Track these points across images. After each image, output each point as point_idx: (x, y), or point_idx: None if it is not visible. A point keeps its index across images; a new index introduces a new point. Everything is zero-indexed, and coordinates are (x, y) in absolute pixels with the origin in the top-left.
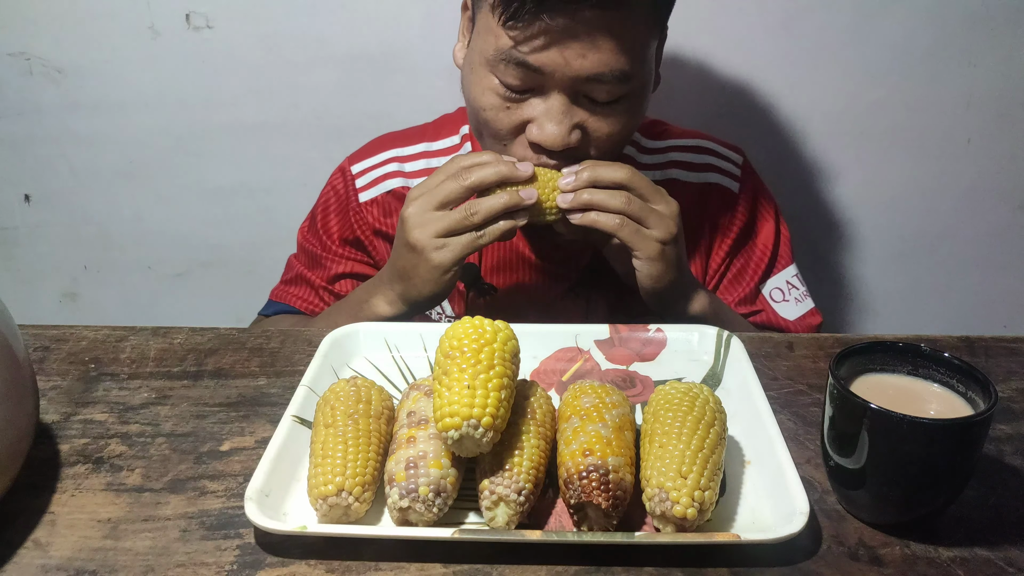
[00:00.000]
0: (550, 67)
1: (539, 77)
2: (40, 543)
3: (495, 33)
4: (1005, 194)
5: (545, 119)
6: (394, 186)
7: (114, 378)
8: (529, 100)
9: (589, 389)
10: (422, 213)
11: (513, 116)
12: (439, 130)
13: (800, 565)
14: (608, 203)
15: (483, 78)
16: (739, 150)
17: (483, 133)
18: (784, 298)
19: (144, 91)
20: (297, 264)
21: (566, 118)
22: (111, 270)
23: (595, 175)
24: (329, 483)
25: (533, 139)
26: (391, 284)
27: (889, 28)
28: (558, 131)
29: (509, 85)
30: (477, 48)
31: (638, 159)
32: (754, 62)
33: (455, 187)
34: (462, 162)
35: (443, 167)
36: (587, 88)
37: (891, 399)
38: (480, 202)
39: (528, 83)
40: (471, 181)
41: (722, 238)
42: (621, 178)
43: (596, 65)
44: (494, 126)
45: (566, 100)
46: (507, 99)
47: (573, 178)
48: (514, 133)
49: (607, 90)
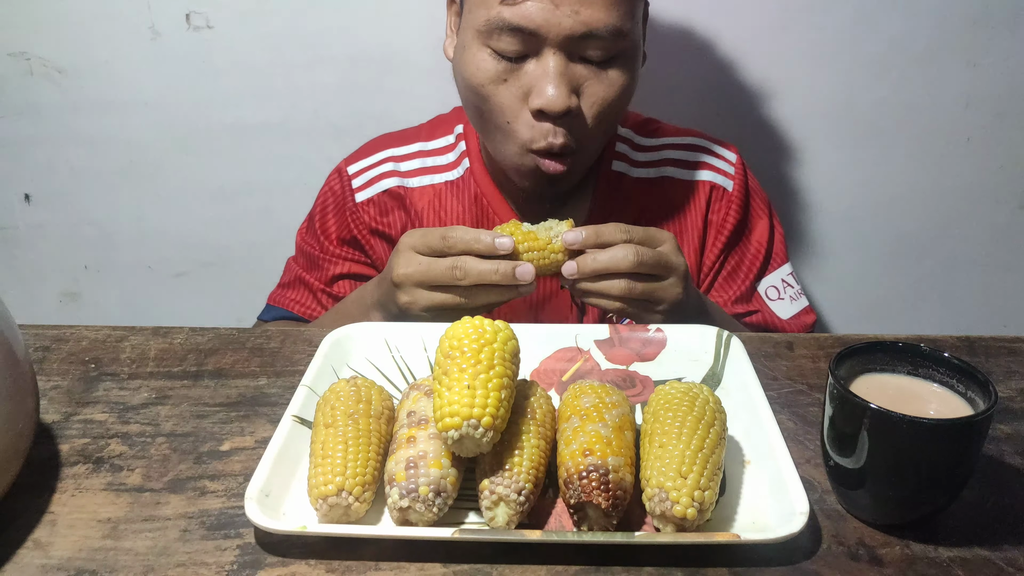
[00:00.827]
0: (544, 26)
1: (533, 40)
2: (40, 543)
3: (487, 3)
4: (1005, 194)
5: (544, 83)
6: (390, 185)
7: (114, 378)
8: (525, 67)
9: (589, 389)
10: (412, 286)
11: (512, 88)
12: (434, 130)
13: (800, 565)
14: (610, 292)
15: (477, 53)
16: (733, 148)
17: (484, 115)
18: (779, 296)
19: (144, 91)
20: (295, 267)
21: (564, 79)
22: (111, 270)
23: (596, 267)
24: (329, 483)
25: (535, 107)
26: (379, 312)
27: (888, 27)
28: (558, 93)
29: (503, 53)
30: (469, 25)
31: (632, 156)
32: (754, 60)
33: (448, 275)
34: (456, 242)
35: (435, 238)
36: (582, 47)
37: (891, 399)
38: (471, 267)
39: (523, 47)
40: (467, 280)
41: (716, 236)
42: (625, 268)
43: (589, 20)
44: (494, 100)
45: (562, 61)
46: (503, 70)
47: (575, 268)
48: (515, 107)
49: (602, 46)
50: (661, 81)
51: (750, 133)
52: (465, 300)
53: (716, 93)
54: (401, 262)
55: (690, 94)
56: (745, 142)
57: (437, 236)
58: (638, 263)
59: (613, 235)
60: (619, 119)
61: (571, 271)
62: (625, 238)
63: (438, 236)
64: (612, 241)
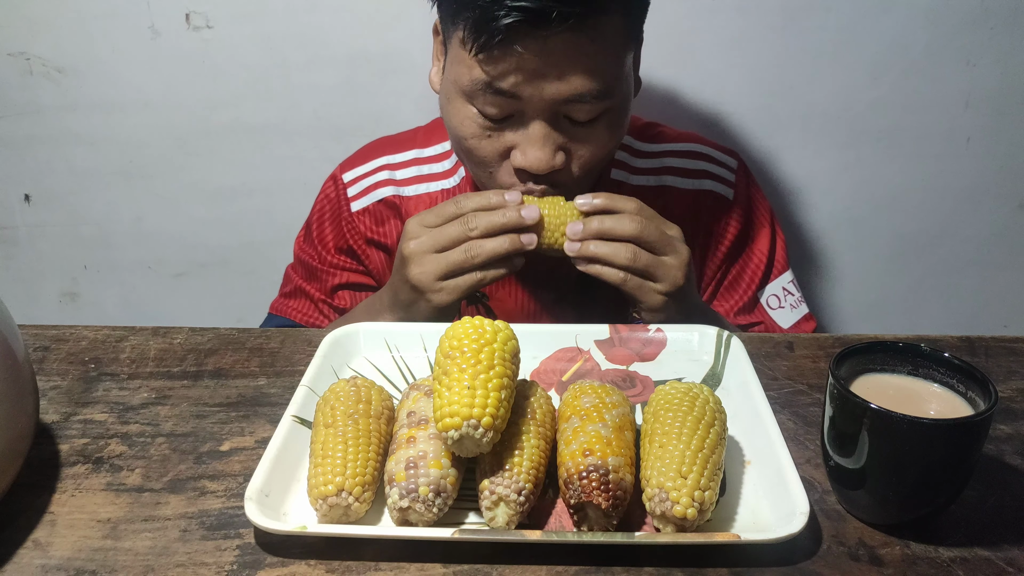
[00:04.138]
0: (527, 94)
1: (517, 103)
2: (40, 543)
3: (467, 64)
4: (1005, 194)
5: (528, 145)
6: (385, 195)
7: (114, 378)
8: (509, 126)
9: (589, 389)
10: (423, 254)
11: (495, 143)
12: (430, 136)
13: (800, 565)
14: (614, 258)
15: (461, 108)
16: (734, 154)
17: (466, 161)
18: (780, 304)
19: (144, 91)
20: (295, 276)
21: (548, 142)
22: (111, 270)
23: (603, 228)
24: (329, 483)
25: (518, 165)
26: (392, 311)
27: (888, 27)
28: (542, 156)
29: (488, 115)
30: (452, 78)
31: (632, 163)
32: (753, 61)
33: (459, 232)
34: (467, 204)
35: (446, 206)
36: (567, 109)
37: (891, 399)
38: (482, 244)
39: (507, 110)
40: (478, 230)
41: (717, 245)
42: (631, 232)
43: (574, 88)
44: (478, 154)
45: (546, 124)
46: (487, 127)
47: (581, 227)
48: (498, 160)
49: (587, 109)
50: (661, 82)
51: (750, 133)
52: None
53: (716, 93)
54: (411, 231)
55: (690, 94)
56: (745, 142)
57: (448, 202)
58: (642, 230)
59: (624, 204)
60: (608, 161)
61: (576, 231)
62: (636, 208)
63: (449, 202)
64: (622, 209)
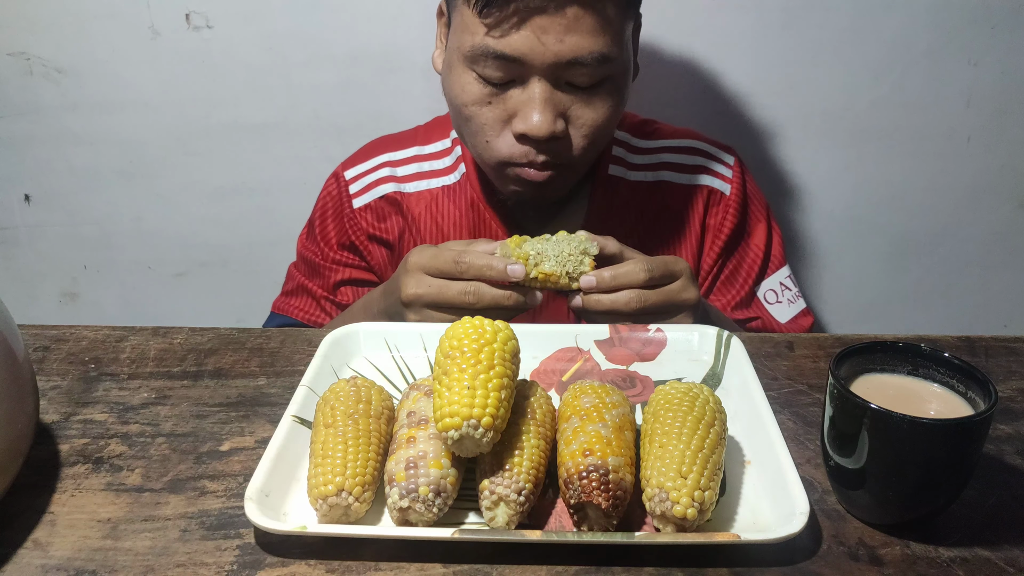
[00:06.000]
0: (529, 54)
1: (518, 67)
2: (40, 543)
3: (471, 29)
4: (1005, 193)
5: (529, 109)
6: (387, 191)
7: (114, 378)
8: (510, 92)
9: (589, 389)
10: (420, 279)
11: (496, 110)
12: (430, 133)
13: (800, 565)
14: (621, 311)
15: (462, 75)
16: (731, 150)
17: (466, 132)
18: (778, 299)
19: (144, 91)
20: (297, 274)
21: (549, 106)
22: (111, 270)
23: (603, 306)
24: (329, 483)
25: (518, 131)
26: (383, 318)
27: (889, 26)
28: (543, 119)
29: (489, 78)
30: (455, 47)
31: (629, 159)
32: (754, 60)
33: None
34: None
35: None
36: (568, 74)
37: (891, 399)
38: (484, 292)
39: (508, 74)
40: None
41: (713, 240)
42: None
43: (575, 48)
44: (478, 121)
45: (548, 87)
46: (488, 93)
47: (580, 301)
48: (498, 128)
49: (588, 73)
50: (660, 81)
51: (750, 133)
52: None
53: (716, 93)
54: (411, 283)
55: (689, 94)
56: (745, 142)
57: (449, 260)
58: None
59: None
60: (608, 138)
61: (578, 305)
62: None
63: (450, 260)
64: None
